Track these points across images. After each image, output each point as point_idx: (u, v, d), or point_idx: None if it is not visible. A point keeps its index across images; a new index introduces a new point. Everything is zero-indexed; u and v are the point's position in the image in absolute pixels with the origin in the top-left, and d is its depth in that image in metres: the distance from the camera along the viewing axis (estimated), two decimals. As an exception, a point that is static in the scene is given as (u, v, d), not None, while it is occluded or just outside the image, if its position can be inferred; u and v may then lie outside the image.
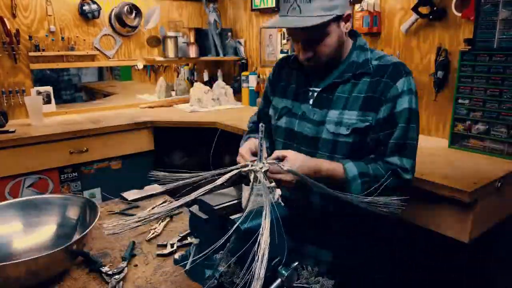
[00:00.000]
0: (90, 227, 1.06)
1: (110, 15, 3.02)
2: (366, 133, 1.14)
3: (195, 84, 3.25)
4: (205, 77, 3.63)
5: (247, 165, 0.95)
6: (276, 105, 1.33)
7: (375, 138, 1.15)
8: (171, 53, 3.23)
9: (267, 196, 0.86)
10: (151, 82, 4.51)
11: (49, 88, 2.83)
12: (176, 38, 3.25)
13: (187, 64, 3.80)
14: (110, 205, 1.53)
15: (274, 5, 2.93)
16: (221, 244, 0.80)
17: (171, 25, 3.37)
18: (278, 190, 0.96)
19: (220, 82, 3.30)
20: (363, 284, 1.29)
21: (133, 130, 2.61)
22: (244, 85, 3.25)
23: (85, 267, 1.09)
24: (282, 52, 3.01)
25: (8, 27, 2.51)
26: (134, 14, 3.07)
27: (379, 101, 1.12)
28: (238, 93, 3.33)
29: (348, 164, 1.11)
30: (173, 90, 3.59)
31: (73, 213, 1.22)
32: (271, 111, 1.36)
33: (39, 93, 2.74)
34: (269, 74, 1.43)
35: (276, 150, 1.10)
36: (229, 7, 3.49)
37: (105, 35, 3.03)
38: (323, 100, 1.20)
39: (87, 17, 2.89)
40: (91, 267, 1.08)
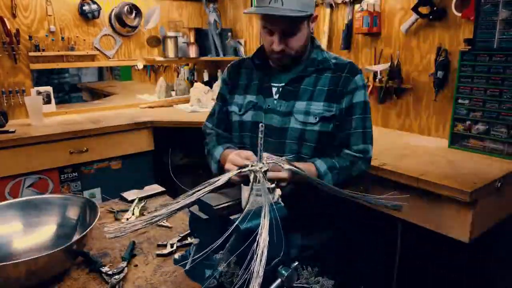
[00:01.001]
0: (90, 227, 1.06)
1: (110, 15, 3.02)
2: (331, 122, 1.27)
3: (195, 84, 3.25)
4: (205, 77, 3.63)
5: (247, 165, 0.95)
6: (239, 101, 1.40)
7: (337, 126, 1.27)
8: (171, 53, 3.23)
9: (267, 196, 0.86)
10: (151, 82, 4.51)
11: (49, 88, 2.84)
12: (176, 38, 3.25)
13: (187, 64, 3.80)
14: (110, 205, 1.53)
15: (274, 5, 2.93)
16: (221, 244, 0.80)
17: (171, 25, 3.37)
18: (278, 190, 0.96)
19: (220, 82, 3.30)
20: (363, 285, 1.29)
21: (133, 130, 2.61)
22: (244, 85, 3.25)
23: (85, 267, 1.09)
24: (282, 52, 3.01)
25: (8, 27, 2.51)
26: (134, 14, 3.07)
27: (341, 93, 1.26)
28: (238, 93, 3.33)
29: (317, 162, 1.22)
30: (173, 90, 3.59)
31: (73, 213, 1.22)
32: (234, 108, 1.41)
33: (39, 93, 2.74)
34: (223, 76, 1.52)
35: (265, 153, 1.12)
36: (229, 7, 3.49)
37: (105, 35, 3.03)
38: (289, 93, 1.30)
39: (87, 17, 2.89)
40: (91, 267, 1.08)
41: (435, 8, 1.99)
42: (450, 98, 1.96)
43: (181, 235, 1.26)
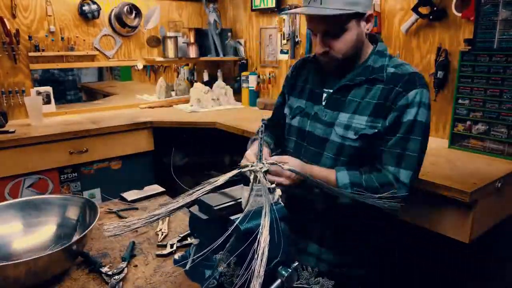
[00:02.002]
0: (90, 228, 1.06)
1: (110, 15, 3.02)
2: (374, 140, 1.13)
3: (195, 84, 3.25)
4: (205, 77, 3.63)
5: (247, 165, 0.95)
6: (292, 105, 1.35)
7: (380, 145, 1.15)
8: (171, 53, 3.23)
9: (267, 196, 0.86)
10: (151, 82, 4.51)
11: (49, 88, 2.83)
12: (176, 38, 3.25)
13: (187, 64, 3.80)
14: (110, 206, 1.53)
15: (274, 5, 2.93)
16: (221, 245, 0.80)
17: (171, 25, 3.37)
18: (278, 191, 0.96)
19: (220, 82, 3.30)
20: (363, 285, 1.29)
21: (133, 131, 2.61)
22: (244, 85, 3.25)
23: (85, 268, 1.09)
24: (282, 52, 3.01)
25: (8, 27, 2.51)
26: (134, 14, 3.07)
27: (389, 109, 1.12)
28: (238, 93, 3.33)
29: (341, 173, 1.11)
30: (173, 90, 3.59)
31: (73, 214, 1.21)
32: (287, 110, 1.37)
33: (39, 93, 2.74)
34: (288, 73, 1.44)
35: (275, 156, 1.11)
36: (229, 7, 3.49)
37: (105, 35, 3.02)
38: (335, 102, 1.20)
39: (87, 17, 2.88)
40: (91, 268, 1.08)
41: (435, 8, 1.99)
42: (450, 98, 1.96)
43: (181, 235, 1.25)
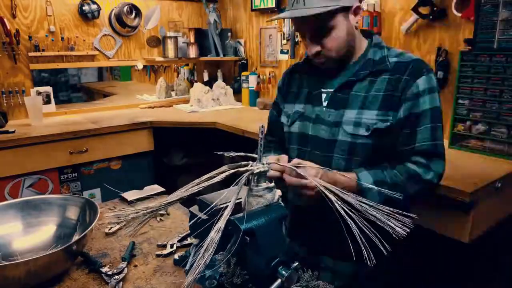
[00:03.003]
0: (90, 228, 1.06)
1: (110, 15, 3.02)
2: (387, 134, 1.09)
3: (195, 85, 3.25)
4: (205, 77, 3.63)
5: (247, 165, 0.95)
6: (288, 111, 1.29)
7: (395, 139, 1.10)
8: (171, 53, 3.23)
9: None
10: (151, 82, 4.51)
11: (49, 88, 2.84)
12: (176, 38, 3.25)
13: (187, 64, 3.80)
14: (110, 205, 1.53)
15: (274, 5, 2.93)
16: (221, 245, 0.80)
17: (171, 25, 3.37)
18: (278, 191, 0.96)
19: (220, 82, 3.30)
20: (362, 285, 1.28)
21: (133, 131, 2.61)
22: (244, 85, 3.25)
23: (85, 268, 1.09)
24: (282, 53, 3.01)
25: (8, 27, 2.51)
26: (134, 14, 3.07)
27: (400, 100, 1.08)
28: (238, 93, 3.33)
29: (362, 174, 1.06)
30: (173, 91, 3.59)
31: (73, 213, 1.21)
32: (284, 119, 1.31)
33: (39, 93, 2.74)
34: (279, 83, 1.39)
35: (296, 158, 1.06)
36: (229, 7, 3.49)
37: (105, 35, 3.02)
38: (339, 100, 1.15)
39: (87, 17, 2.89)
40: (91, 268, 1.07)
41: (435, 9, 1.99)
42: (450, 99, 1.95)
43: (181, 235, 1.25)
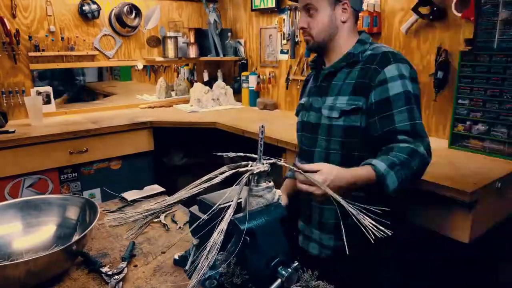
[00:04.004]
0: (90, 228, 1.06)
1: (110, 15, 3.02)
2: (354, 115, 1.22)
3: (195, 85, 3.25)
4: (205, 77, 3.63)
5: (247, 165, 0.95)
6: (297, 106, 1.49)
7: (372, 123, 1.20)
8: (171, 53, 3.23)
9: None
10: (151, 82, 4.51)
11: (49, 88, 2.84)
12: (176, 38, 3.25)
13: (187, 64, 3.80)
14: (110, 205, 1.53)
15: (274, 5, 2.93)
16: (221, 245, 0.80)
17: (171, 25, 3.37)
18: (278, 191, 0.96)
19: (220, 82, 3.30)
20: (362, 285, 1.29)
21: (133, 131, 2.61)
22: (244, 85, 3.25)
23: (85, 268, 1.09)
24: (282, 53, 3.01)
25: (8, 27, 2.51)
26: (134, 14, 3.07)
27: (368, 86, 1.21)
28: (238, 93, 3.33)
29: (375, 161, 1.11)
30: (173, 91, 3.59)
31: (73, 213, 1.21)
32: (295, 113, 1.50)
33: (39, 93, 2.74)
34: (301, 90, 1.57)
35: (312, 164, 1.10)
36: (229, 7, 3.49)
37: (105, 35, 3.02)
38: (323, 89, 1.33)
39: (87, 17, 2.89)
40: (91, 268, 1.07)
41: (435, 8, 1.99)
42: (450, 99, 1.95)
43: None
